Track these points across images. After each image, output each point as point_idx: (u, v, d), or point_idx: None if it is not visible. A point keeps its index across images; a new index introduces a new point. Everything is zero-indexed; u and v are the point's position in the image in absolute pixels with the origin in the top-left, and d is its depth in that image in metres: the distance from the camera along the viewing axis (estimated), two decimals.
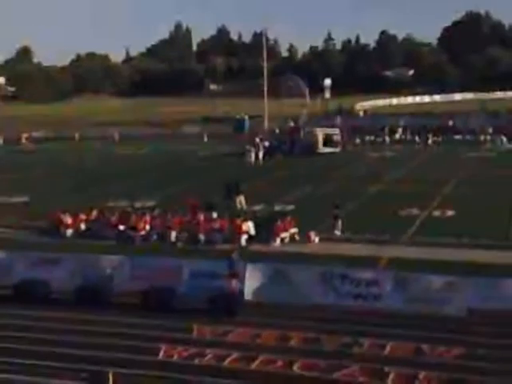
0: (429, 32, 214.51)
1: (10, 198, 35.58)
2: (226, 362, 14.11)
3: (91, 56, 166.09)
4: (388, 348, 14.68)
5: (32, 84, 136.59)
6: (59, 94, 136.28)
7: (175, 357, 14.48)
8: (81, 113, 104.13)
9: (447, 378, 13.22)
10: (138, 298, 17.92)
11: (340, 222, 25.07)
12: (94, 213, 26.94)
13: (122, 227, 25.47)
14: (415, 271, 18.51)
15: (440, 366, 13.70)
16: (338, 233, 24.83)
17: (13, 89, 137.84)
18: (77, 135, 75.19)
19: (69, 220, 26.16)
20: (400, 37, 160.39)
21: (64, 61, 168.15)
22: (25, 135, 75.66)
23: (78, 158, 56.78)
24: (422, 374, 13.28)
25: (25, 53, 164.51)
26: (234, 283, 17.78)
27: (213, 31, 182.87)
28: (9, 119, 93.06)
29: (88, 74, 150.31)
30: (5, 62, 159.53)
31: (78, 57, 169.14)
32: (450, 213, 28.87)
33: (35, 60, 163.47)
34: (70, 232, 25.93)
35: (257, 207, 30.66)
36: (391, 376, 13.31)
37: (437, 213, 29.08)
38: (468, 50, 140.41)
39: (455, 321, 16.19)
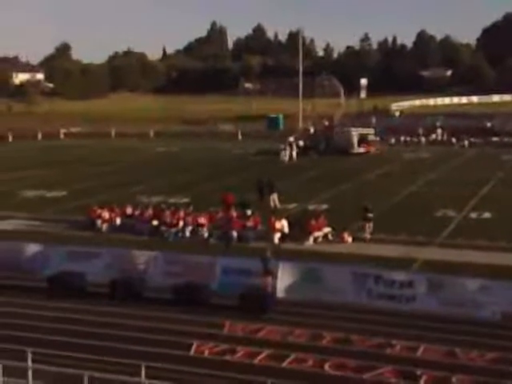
0: (468, 33, 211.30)
1: (48, 191, 36.20)
2: (257, 360, 14.16)
3: (128, 54, 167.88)
4: (421, 350, 14.57)
5: (70, 80, 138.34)
6: (97, 90, 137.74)
7: (206, 352, 14.59)
8: (117, 109, 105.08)
9: (480, 382, 13.07)
10: (170, 293, 18.08)
11: (371, 225, 24.61)
12: (129, 208, 27.26)
13: (155, 223, 25.73)
14: (450, 274, 18.32)
15: (473, 370, 13.54)
16: (367, 236, 24.46)
17: (51, 85, 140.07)
18: (113, 132, 75.97)
19: (106, 215, 26.52)
20: (438, 37, 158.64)
21: (102, 58, 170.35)
22: (63, 131, 76.80)
23: (114, 154, 57.40)
24: (454, 378, 13.15)
25: (64, 50, 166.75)
26: (269, 281, 17.83)
27: (249, 30, 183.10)
28: (47, 115, 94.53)
29: (125, 72, 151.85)
30: (44, 58, 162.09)
31: (116, 54, 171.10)
32: (486, 215, 28.46)
33: (74, 57, 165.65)
34: (105, 226, 26.27)
35: (290, 206, 30.63)
36: (423, 378, 13.21)
37: (473, 215, 28.68)
38: (506, 51, 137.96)
39: (489, 325, 15.98)
